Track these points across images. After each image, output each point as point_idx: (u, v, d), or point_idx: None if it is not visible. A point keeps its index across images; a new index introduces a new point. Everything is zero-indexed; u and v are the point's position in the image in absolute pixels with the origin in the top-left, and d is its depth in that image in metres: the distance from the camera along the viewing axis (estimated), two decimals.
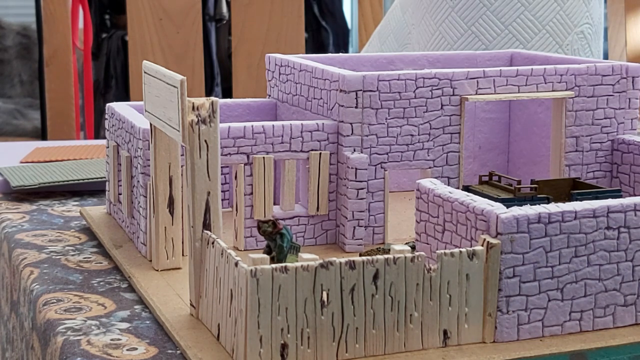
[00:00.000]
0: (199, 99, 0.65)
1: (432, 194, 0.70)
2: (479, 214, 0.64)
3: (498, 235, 0.62)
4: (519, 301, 0.63)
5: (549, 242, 0.63)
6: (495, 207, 0.64)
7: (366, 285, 0.59)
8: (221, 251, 0.62)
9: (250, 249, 0.83)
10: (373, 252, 0.79)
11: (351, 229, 0.83)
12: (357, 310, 0.59)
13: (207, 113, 0.65)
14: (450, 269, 0.62)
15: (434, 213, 0.69)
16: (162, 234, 0.77)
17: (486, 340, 0.63)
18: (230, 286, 0.60)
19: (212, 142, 0.65)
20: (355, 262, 0.59)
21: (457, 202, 0.67)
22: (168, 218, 0.77)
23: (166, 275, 0.77)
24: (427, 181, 0.71)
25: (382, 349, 0.61)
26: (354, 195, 0.83)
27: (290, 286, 0.57)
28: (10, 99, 3.37)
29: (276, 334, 0.58)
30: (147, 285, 0.75)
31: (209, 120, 0.65)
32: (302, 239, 0.85)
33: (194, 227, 0.66)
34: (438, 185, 0.70)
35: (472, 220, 0.65)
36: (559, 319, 0.64)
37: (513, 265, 0.63)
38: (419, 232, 0.72)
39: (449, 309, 0.62)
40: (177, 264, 0.79)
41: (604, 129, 0.91)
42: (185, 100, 0.64)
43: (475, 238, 0.64)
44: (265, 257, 0.58)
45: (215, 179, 0.66)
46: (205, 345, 0.63)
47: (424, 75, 0.85)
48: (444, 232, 0.68)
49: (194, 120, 0.64)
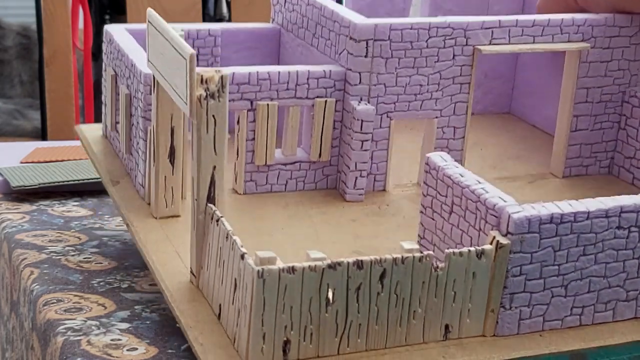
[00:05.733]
0: (207, 70, 0.62)
1: (441, 173, 0.68)
2: (490, 208, 0.62)
3: (508, 234, 0.61)
4: (522, 298, 0.63)
5: (559, 242, 0.62)
6: (507, 203, 0.62)
7: (372, 284, 0.59)
8: (226, 234, 0.61)
9: (250, 193, 0.82)
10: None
11: (353, 179, 0.82)
12: (361, 307, 0.59)
13: (216, 87, 0.62)
14: (458, 268, 0.61)
15: (443, 192, 0.68)
16: (162, 183, 0.75)
17: (486, 334, 0.63)
18: (235, 275, 0.60)
19: (220, 117, 0.63)
20: (363, 262, 0.58)
21: (468, 190, 0.65)
22: (169, 168, 0.75)
23: (165, 226, 0.75)
24: (438, 156, 0.69)
25: (383, 343, 0.60)
26: (358, 147, 0.81)
27: (296, 286, 0.57)
28: (10, 99, 3.37)
29: (279, 331, 0.58)
30: (146, 239, 0.73)
31: (218, 95, 0.62)
32: (302, 183, 0.83)
33: (198, 200, 0.65)
34: (449, 163, 0.68)
35: (482, 212, 0.63)
36: (560, 314, 0.64)
37: (520, 264, 0.62)
38: (425, 205, 0.70)
39: (452, 305, 0.61)
40: (176, 212, 0.77)
41: (616, 81, 0.89)
42: (194, 75, 0.62)
43: (484, 230, 0.63)
44: (273, 255, 0.57)
45: (221, 153, 0.64)
46: (206, 326, 0.62)
47: (437, 25, 0.82)
48: (451, 214, 0.67)
49: (202, 95, 0.62)
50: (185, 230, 0.73)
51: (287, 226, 0.77)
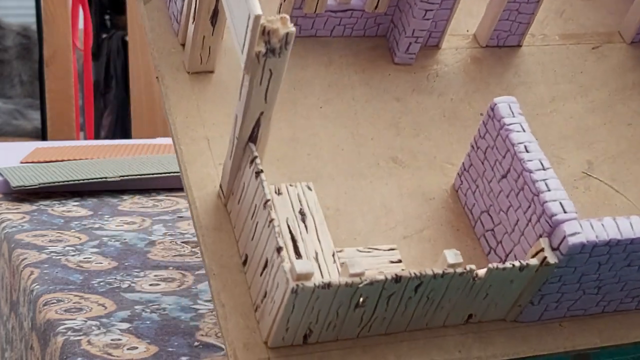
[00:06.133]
0: (273, 19, 0.54)
1: (505, 132, 0.61)
2: (548, 215, 0.58)
3: (558, 251, 0.57)
4: (553, 297, 0.61)
5: (607, 258, 0.59)
6: (566, 216, 0.57)
7: (406, 292, 0.56)
8: (264, 202, 0.57)
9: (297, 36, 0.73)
10: None
11: (406, 44, 0.75)
12: (389, 308, 0.57)
13: (279, 44, 0.54)
14: (497, 278, 0.58)
15: (501, 150, 0.62)
16: (199, 41, 0.69)
17: (507, 319, 0.61)
18: (267, 255, 0.57)
19: (277, 71, 0.56)
20: (402, 278, 0.55)
21: (529, 176, 0.59)
22: (209, 29, 0.69)
23: (196, 87, 0.68)
24: (505, 105, 0.62)
25: (403, 327, 0.59)
26: (420, 15, 0.74)
27: (329, 297, 0.55)
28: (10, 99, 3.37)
29: (304, 326, 0.57)
30: (175, 107, 0.66)
31: (279, 52, 0.54)
32: (350, 30, 0.75)
33: (239, 138, 0.59)
34: (515, 121, 0.62)
35: (537, 209, 0.59)
36: (586, 306, 0.62)
37: (561, 275, 0.59)
38: (478, 146, 0.64)
39: (481, 301, 0.59)
40: (210, 68, 0.70)
41: None
42: (256, 35, 0.54)
43: (533, 225, 0.59)
44: (310, 271, 0.53)
45: (272, 102, 0.57)
46: (230, 277, 0.59)
47: None
48: (502, 178, 0.62)
49: (261, 52, 0.54)
50: (217, 89, 0.67)
51: (326, 102, 0.70)
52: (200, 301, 0.77)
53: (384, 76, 0.74)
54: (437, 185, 0.68)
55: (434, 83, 0.74)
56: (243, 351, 0.57)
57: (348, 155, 0.67)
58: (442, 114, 0.72)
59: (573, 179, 0.72)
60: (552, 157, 0.71)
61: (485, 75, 0.74)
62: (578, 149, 0.73)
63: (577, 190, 0.71)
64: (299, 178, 0.66)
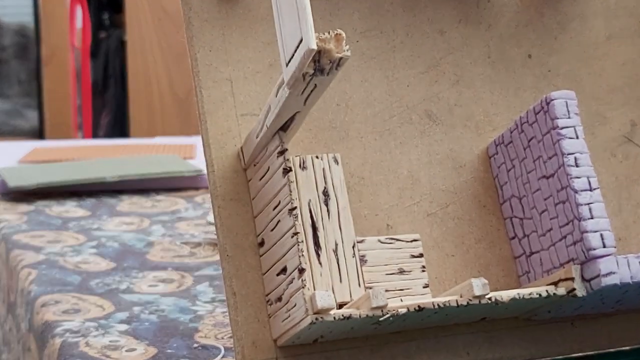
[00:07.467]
0: (326, 38, 0.48)
1: (556, 134, 0.56)
2: (586, 246, 0.55)
3: (588, 284, 0.55)
4: (571, 307, 0.59)
5: (636, 288, 0.57)
6: (606, 250, 0.54)
7: (425, 313, 0.55)
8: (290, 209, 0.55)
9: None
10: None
11: None
12: (407, 322, 0.56)
13: (329, 65, 0.49)
14: (520, 303, 0.56)
15: (544, 151, 0.58)
16: None
17: (520, 317, 0.60)
18: (287, 263, 0.55)
19: (323, 85, 0.52)
20: (424, 309, 0.53)
21: (574, 194, 0.55)
22: None
23: (224, 9, 0.62)
24: (563, 103, 0.57)
25: (415, 328, 0.58)
26: None
27: (348, 325, 0.53)
28: (8, 98, 3.37)
29: (316, 335, 0.56)
30: (198, 36, 0.61)
31: (328, 72, 0.49)
32: None
33: (270, 127, 0.56)
34: (572, 122, 0.57)
35: (574, 229, 0.56)
36: (600, 310, 0.61)
37: (584, 298, 0.57)
38: (512, 138, 0.60)
39: (497, 310, 0.58)
40: None
41: None
42: (306, 63, 0.49)
43: (566, 245, 0.56)
44: (331, 304, 0.52)
45: (310, 105, 0.54)
46: (243, 260, 0.57)
47: None
48: (538, 179, 0.58)
49: (308, 72, 0.49)
50: (246, 13, 0.61)
51: (362, 35, 0.64)
52: (199, 302, 0.77)
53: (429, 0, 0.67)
54: (469, 148, 0.63)
55: (484, 11, 0.67)
56: (252, 349, 0.56)
57: (379, 107, 0.63)
58: (487, 55, 0.66)
59: (613, 144, 0.67)
60: (595, 115, 0.66)
61: (540, 3, 0.68)
62: (624, 105, 0.68)
63: (614, 159, 0.67)
64: (324, 137, 0.61)
